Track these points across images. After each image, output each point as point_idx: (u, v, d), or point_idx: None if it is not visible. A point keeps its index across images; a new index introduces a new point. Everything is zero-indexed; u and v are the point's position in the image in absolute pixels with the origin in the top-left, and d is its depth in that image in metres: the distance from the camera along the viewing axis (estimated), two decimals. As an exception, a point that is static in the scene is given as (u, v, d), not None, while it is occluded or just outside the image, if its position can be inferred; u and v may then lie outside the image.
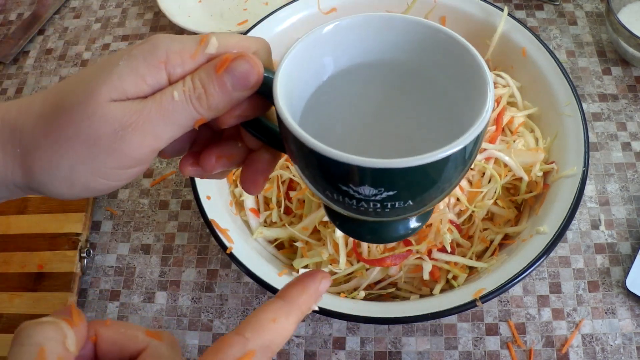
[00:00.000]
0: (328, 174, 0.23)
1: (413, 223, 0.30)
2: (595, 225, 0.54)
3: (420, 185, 0.23)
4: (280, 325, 0.23)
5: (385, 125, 0.31)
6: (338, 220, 0.30)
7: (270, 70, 0.25)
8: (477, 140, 0.23)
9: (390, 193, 0.23)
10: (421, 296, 0.48)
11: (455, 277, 0.47)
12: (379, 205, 0.24)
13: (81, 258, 0.55)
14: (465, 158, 0.24)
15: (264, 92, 0.25)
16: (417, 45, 0.27)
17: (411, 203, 0.24)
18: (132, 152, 0.23)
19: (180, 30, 0.71)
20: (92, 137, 0.23)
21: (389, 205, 0.24)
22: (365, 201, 0.24)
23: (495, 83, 0.55)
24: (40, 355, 0.20)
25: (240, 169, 0.29)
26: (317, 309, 0.25)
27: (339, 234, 0.46)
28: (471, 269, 0.48)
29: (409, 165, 0.22)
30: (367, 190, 0.23)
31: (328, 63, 0.28)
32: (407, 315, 0.41)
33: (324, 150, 0.22)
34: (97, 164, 0.23)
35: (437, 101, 0.29)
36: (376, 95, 0.31)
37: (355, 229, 0.30)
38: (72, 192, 0.25)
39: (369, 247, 0.47)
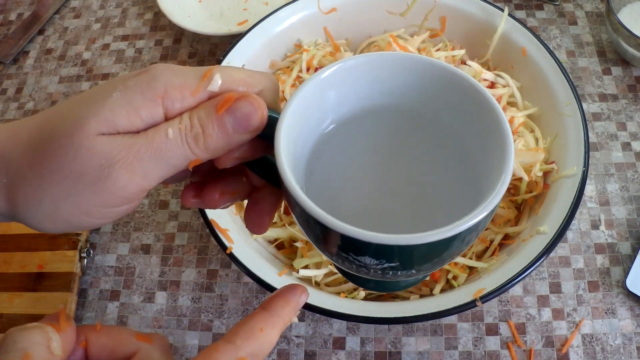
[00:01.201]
0: (327, 241, 0.23)
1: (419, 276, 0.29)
2: (595, 225, 0.54)
3: (425, 259, 0.22)
4: (267, 335, 0.24)
5: (394, 178, 0.29)
6: (341, 271, 0.29)
7: (275, 111, 0.23)
8: (493, 212, 0.22)
9: (393, 264, 0.22)
10: (421, 296, 0.48)
11: (455, 277, 0.47)
12: (380, 272, 0.23)
13: (81, 258, 0.55)
14: (477, 231, 0.22)
15: (267, 135, 0.23)
16: (430, 89, 0.26)
17: (414, 272, 0.23)
18: (119, 190, 0.22)
19: (180, 30, 0.72)
20: (77, 172, 0.21)
21: (390, 273, 0.23)
22: (365, 267, 0.23)
23: (495, 83, 0.55)
24: None
25: (246, 202, 0.28)
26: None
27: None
28: (471, 269, 0.48)
29: (413, 243, 0.21)
30: (367, 260, 0.22)
31: (333, 106, 0.26)
32: (407, 315, 0.41)
33: (324, 219, 0.21)
34: (81, 201, 0.22)
35: (451, 153, 0.27)
36: (385, 143, 0.29)
37: (358, 279, 0.29)
38: (55, 227, 0.23)
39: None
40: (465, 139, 0.26)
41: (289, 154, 0.23)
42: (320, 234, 0.23)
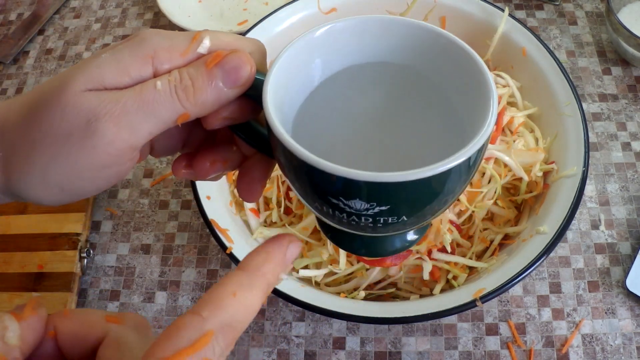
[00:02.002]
0: (317, 186, 0.22)
1: (410, 236, 0.29)
2: (595, 225, 0.54)
3: (416, 200, 0.22)
4: (242, 299, 0.20)
5: (382, 132, 0.30)
6: (330, 232, 0.29)
7: (262, 73, 0.24)
8: (480, 152, 0.22)
9: (383, 208, 0.21)
10: (421, 296, 0.48)
11: (455, 277, 0.47)
12: (370, 220, 0.22)
13: (81, 258, 0.55)
14: (467, 171, 0.22)
15: (254, 95, 0.23)
16: (417, 49, 0.26)
17: (406, 219, 0.23)
18: (106, 146, 0.21)
19: (180, 30, 0.71)
20: (65, 132, 0.21)
21: (381, 221, 0.22)
22: (356, 215, 0.22)
23: (495, 83, 0.55)
24: None
25: (237, 172, 0.28)
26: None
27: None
28: (471, 269, 0.48)
29: (404, 180, 0.20)
30: (358, 204, 0.21)
31: (321, 67, 0.27)
32: (407, 315, 0.41)
33: (312, 161, 0.21)
34: (70, 162, 0.21)
35: (437, 107, 0.28)
36: (372, 100, 0.29)
37: (348, 243, 0.28)
38: (49, 196, 0.23)
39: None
40: (452, 94, 0.26)
41: (277, 107, 0.23)
42: (308, 179, 0.22)
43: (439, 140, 0.27)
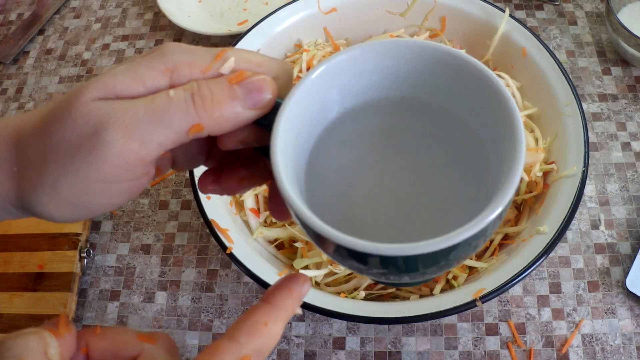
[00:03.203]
0: (327, 249, 0.22)
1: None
2: (595, 225, 0.54)
3: (430, 265, 0.22)
4: (271, 329, 0.22)
5: (398, 173, 0.28)
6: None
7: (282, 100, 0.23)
8: (501, 216, 0.21)
9: (397, 270, 0.22)
10: (421, 296, 0.48)
11: (455, 277, 0.47)
12: (383, 278, 0.22)
13: (81, 258, 0.55)
14: (484, 236, 0.21)
15: (268, 124, 0.22)
16: (437, 76, 0.24)
17: (419, 274, 0.23)
18: (115, 158, 0.20)
19: (180, 30, 0.72)
20: (75, 143, 0.20)
21: (395, 281, 0.23)
22: (370, 273, 0.22)
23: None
24: None
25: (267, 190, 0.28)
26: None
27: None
28: (471, 269, 0.48)
29: (418, 253, 0.20)
30: (372, 269, 0.22)
31: (336, 99, 0.25)
32: (407, 315, 0.41)
33: (324, 231, 0.20)
34: (80, 176, 0.20)
35: (458, 142, 0.26)
36: (389, 134, 0.28)
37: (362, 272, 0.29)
38: (61, 212, 0.22)
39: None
40: (474, 130, 0.25)
41: (288, 153, 0.22)
42: (318, 242, 0.22)
43: (461, 184, 0.26)
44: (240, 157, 0.27)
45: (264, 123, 0.23)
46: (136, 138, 0.20)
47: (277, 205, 0.26)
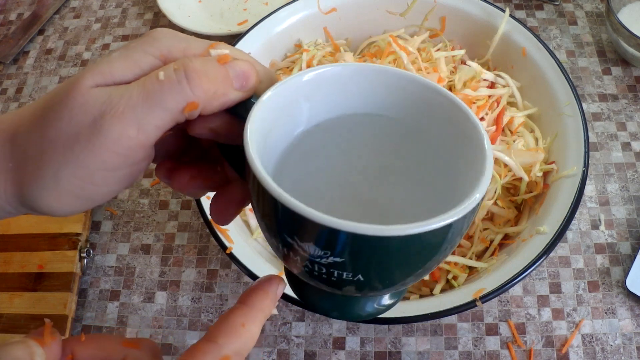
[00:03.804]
0: (273, 218, 0.21)
1: (385, 300, 0.26)
2: (595, 225, 0.54)
3: (371, 260, 0.20)
4: (249, 330, 0.23)
5: (367, 185, 0.28)
6: (298, 290, 0.27)
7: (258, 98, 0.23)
8: (464, 220, 0.20)
9: (337, 260, 0.20)
10: (421, 296, 0.48)
11: (455, 277, 0.47)
12: (324, 270, 0.21)
13: (81, 258, 0.55)
14: (440, 242, 0.20)
15: (244, 115, 0.22)
16: (408, 102, 0.25)
17: (362, 279, 0.21)
18: (113, 144, 0.20)
19: (180, 30, 0.71)
20: (73, 134, 0.20)
21: (335, 274, 0.21)
22: (310, 262, 0.21)
23: (495, 83, 0.55)
24: None
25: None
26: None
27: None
28: (471, 269, 0.48)
29: (357, 232, 0.18)
30: (312, 249, 0.20)
31: (308, 111, 0.26)
32: (407, 315, 0.41)
33: (270, 188, 0.19)
34: (80, 165, 0.20)
35: (428, 163, 0.26)
36: (360, 151, 0.28)
37: (319, 302, 0.26)
38: (62, 204, 0.22)
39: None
40: (443, 148, 0.25)
41: (259, 134, 0.22)
42: (266, 208, 0.21)
43: (426, 199, 0.26)
44: (199, 159, 0.27)
45: (238, 112, 0.23)
46: (133, 124, 0.20)
47: (220, 205, 0.26)
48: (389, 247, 0.19)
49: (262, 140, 0.22)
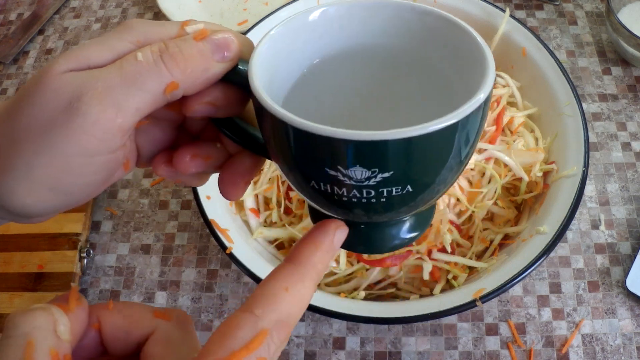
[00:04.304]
0: (312, 157, 0.20)
1: (409, 232, 0.27)
2: (595, 225, 0.54)
3: (420, 162, 0.20)
4: (295, 293, 0.20)
5: (377, 114, 0.29)
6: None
7: (247, 63, 0.22)
8: (481, 111, 0.21)
9: (386, 175, 0.20)
10: (421, 296, 0.48)
11: (455, 277, 0.47)
12: (372, 193, 0.21)
13: (81, 258, 0.55)
14: (467, 133, 0.21)
15: (239, 82, 0.22)
16: (410, 29, 0.25)
17: (411, 189, 0.21)
18: (92, 127, 0.19)
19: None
20: (47, 118, 0.19)
21: (384, 193, 0.21)
22: (357, 189, 0.20)
23: (495, 83, 0.55)
24: (27, 350, 0.17)
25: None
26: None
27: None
28: (471, 269, 0.48)
29: (406, 136, 0.19)
30: (358, 172, 0.20)
31: (310, 49, 0.26)
32: (407, 315, 0.41)
33: (305, 126, 0.19)
34: (55, 152, 0.19)
35: (434, 87, 0.27)
36: (367, 80, 0.28)
37: (346, 238, 0.27)
38: (35, 199, 0.20)
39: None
40: (450, 73, 0.26)
41: (264, 79, 0.22)
42: (302, 151, 0.20)
43: (436, 114, 0.28)
44: (196, 138, 0.26)
45: (234, 79, 0.22)
46: (112, 105, 0.19)
47: (228, 178, 0.25)
48: (433, 142, 0.20)
49: (267, 87, 0.22)
